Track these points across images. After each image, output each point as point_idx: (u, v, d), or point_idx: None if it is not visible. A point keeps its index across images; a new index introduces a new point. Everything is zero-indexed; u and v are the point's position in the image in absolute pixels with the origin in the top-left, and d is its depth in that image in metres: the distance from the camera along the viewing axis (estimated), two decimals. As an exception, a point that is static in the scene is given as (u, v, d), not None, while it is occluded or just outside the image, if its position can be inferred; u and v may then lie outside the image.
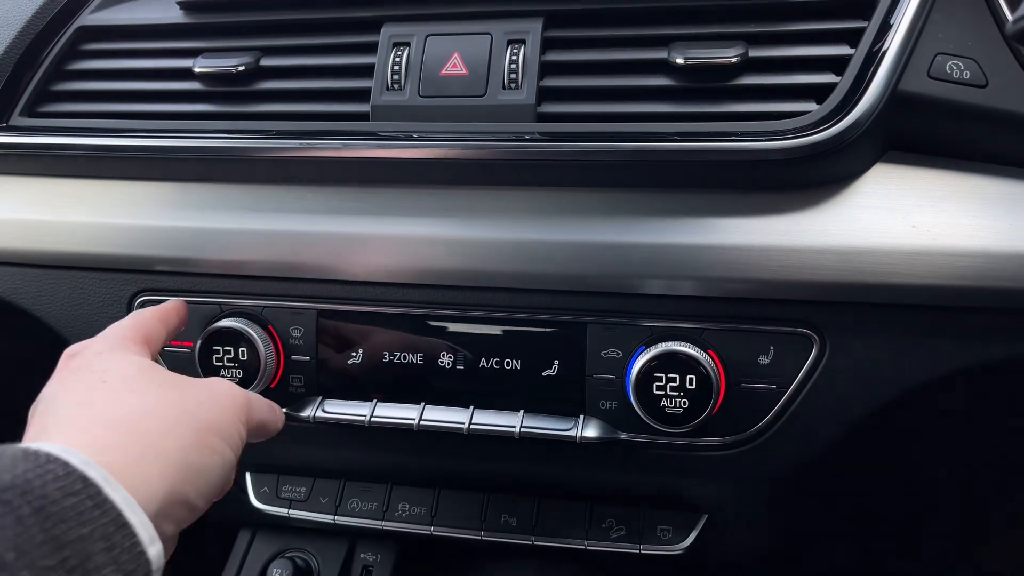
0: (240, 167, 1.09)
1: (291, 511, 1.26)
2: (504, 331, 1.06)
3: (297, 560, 1.32)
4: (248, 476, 1.28)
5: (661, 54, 1.00)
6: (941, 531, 1.44)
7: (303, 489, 1.27)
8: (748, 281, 0.97)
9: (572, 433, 1.03)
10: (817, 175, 0.96)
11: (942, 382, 0.98)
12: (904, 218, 0.94)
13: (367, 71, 1.07)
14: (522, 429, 1.04)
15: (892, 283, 0.94)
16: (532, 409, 1.06)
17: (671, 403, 0.98)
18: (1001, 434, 1.20)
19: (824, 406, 1.00)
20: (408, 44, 1.06)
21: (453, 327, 1.07)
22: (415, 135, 1.03)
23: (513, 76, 1.02)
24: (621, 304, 1.02)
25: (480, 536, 1.20)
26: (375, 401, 1.10)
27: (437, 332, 1.07)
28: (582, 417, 1.04)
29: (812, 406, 1.00)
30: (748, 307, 0.99)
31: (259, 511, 1.28)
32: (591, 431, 1.04)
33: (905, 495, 1.33)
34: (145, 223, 1.11)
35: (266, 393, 1.10)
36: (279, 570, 1.30)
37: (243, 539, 1.38)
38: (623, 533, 1.17)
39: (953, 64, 0.94)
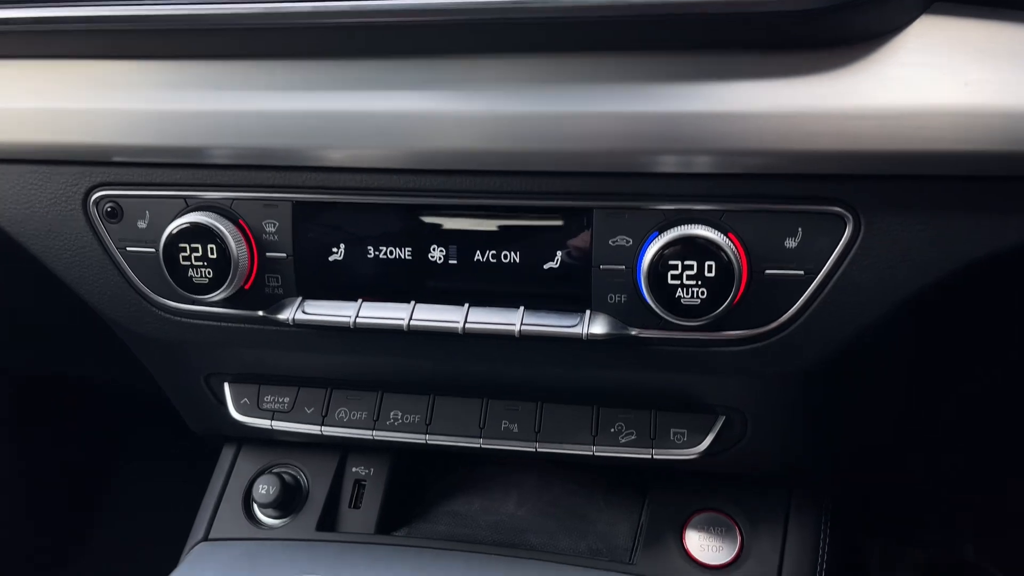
0: (200, 39, 0.97)
1: (274, 423, 1.19)
2: (501, 220, 0.97)
3: (284, 476, 1.26)
4: (227, 386, 1.20)
5: None
6: (978, 433, 1.37)
7: (286, 399, 1.19)
8: (773, 154, 0.87)
9: (578, 330, 0.96)
10: (853, 30, 0.85)
11: (990, 261, 0.89)
12: (954, 76, 0.83)
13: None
14: (523, 327, 0.97)
15: (938, 150, 0.83)
16: (533, 305, 0.99)
17: (687, 293, 0.90)
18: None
19: (858, 293, 0.91)
20: None
21: (444, 217, 0.98)
22: (397, -7, 0.91)
23: (507, -76, 0.90)
24: (631, 185, 0.92)
25: (479, 444, 1.14)
26: (360, 301, 1.02)
27: (427, 223, 0.99)
28: (588, 312, 0.97)
29: (844, 293, 0.91)
30: (773, 184, 0.89)
31: (239, 423, 1.20)
32: (598, 327, 0.96)
33: (943, 393, 1.26)
34: (98, 106, 1.00)
35: (240, 295, 1.02)
36: (266, 486, 1.24)
37: (227, 455, 1.32)
38: (633, 437, 1.10)
39: None
